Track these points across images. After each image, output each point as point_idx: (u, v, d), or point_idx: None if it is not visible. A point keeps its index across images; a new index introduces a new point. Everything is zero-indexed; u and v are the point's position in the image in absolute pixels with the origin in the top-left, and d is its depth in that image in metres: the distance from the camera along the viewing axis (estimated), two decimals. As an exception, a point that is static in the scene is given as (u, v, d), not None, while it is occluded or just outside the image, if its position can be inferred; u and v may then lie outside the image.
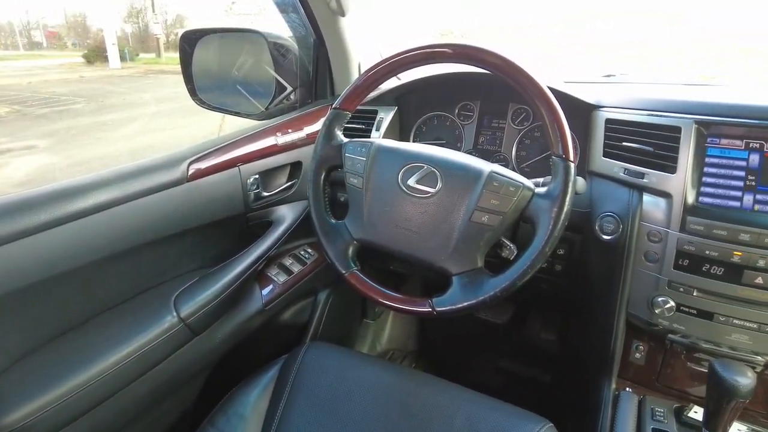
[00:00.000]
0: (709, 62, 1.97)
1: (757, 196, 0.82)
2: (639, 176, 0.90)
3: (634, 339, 1.00)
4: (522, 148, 1.16)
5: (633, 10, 3.17)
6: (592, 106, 1.01)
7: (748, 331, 0.84)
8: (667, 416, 0.92)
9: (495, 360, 1.68)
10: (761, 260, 0.79)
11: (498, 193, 0.77)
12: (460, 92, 1.23)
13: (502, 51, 0.79)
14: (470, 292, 0.79)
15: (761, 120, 0.82)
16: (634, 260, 0.91)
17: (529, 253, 0.75)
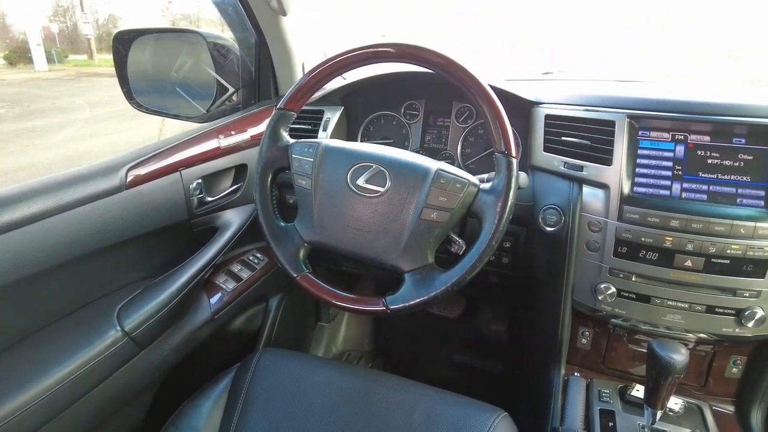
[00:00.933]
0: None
1: (684, 184, 0.88)
2: (578, 169, 0.94)
3: (580, 325, 1.05)
4: (467, 145, 1.18)
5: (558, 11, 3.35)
6: (532, 102, 1.04)
7: (680, 311, 0.90)
8: (612, 396, 0.97)
9: (449, 354, 1.71)
10: (689, 244, 0.85)
11: (445, 190, 0.79)
12: (405, 91, 1.24)
13: (444, 50, 0.81)
14: (422, 289, 0.80)
15: (684, 114, 0.88)
16: (577, 250, 0.95)
17: (476, 247, 0.77)
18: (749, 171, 0.86)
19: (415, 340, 1.80)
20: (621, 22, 2.54)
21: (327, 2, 2.53)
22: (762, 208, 0.84)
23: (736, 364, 0.98)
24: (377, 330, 1.83)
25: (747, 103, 0.86)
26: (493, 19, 2.67)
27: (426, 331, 1.75)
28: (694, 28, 2.45)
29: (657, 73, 1.79)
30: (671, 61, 2.26)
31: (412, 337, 1.80)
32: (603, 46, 2.33)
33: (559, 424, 0.92)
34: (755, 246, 0.82)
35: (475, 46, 2.63)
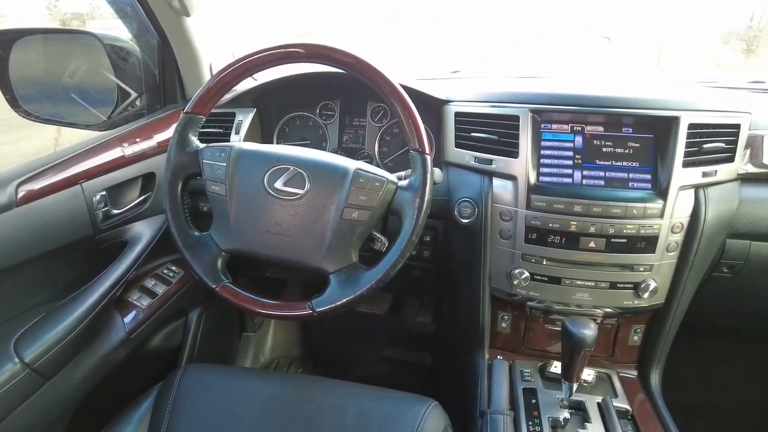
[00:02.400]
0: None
1: (584, 172, 0.96)
2: (488, 163, 0.99)
3: (500, 310, 1.10)
4: (384, 144, 1.20)
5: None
6: (443, 101, 1.08)
7: (588, 289, 0.97)
8: (533, 375, 1.03)
9: (379, 350, 1.73)
10: (592, 227, 0.92)
11: (365, 189, 0.79)
12: (320, 92, 1.23)
13: (355, 50, 0.81)
14: (348, 288, 0.80)
15: (580, 106, 0.96)
16: (491, 239, 1.00)
17: (398, 243, 0.78)
18: (638, 157, 0.95)
19: (345, 340, 1.80)
20: (557, 23, 2.69)
21: (250, 3, 2.46)
22: (650, 191, 0.93)
23: (636, 333, 1.07)
24: (306, 334, 1.81)
25: (633, 96, 0.95)
26: (426, 19, 2.73)
27: (354, 329, 1.76)
28: (627, 28, 2.66)
29: (591, 73, 1.93)
30: (604, 61, 2.44)
31: (341, 338, 1.80)
32: (532, 46, 2.46)
33: (487, 407, 0.96)
34: (646, 225, 0.91)
35: (407, 45, 2.67)
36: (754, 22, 2.82)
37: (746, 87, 1.37)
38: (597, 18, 2.74)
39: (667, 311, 1.01)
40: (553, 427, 0.89)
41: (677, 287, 0.98)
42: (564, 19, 2.76)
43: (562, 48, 2.61)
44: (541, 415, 0.92)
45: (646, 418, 0.95)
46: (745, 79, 1.41)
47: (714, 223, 0.94)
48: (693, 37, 2.89)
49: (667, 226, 0.92)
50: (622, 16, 2.76)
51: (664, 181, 0.91)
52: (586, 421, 0.90)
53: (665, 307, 1.01)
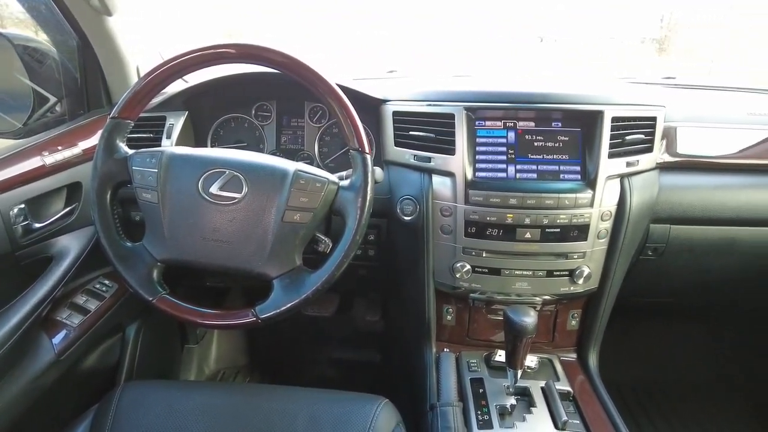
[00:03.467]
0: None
1: (517, 166, 0.99)
2: (426, 160, 1.00)
3: (444, 304, 1.13)
4: (323, 144, 1.19)
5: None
6: (380, 100, 1.09)
7: (526, 278, 1.01)
8: (479, 365, 1.06)
9: (329, 352, 1.71)
10: (527, 219, 0.96)
11: (306, 190, 0.79)
12: (255, 92, 1.20)
13: (289, 50, 0.80)
14: (293, 292, 0.79)
15: (511, 103, 0.99)
16: (433, 234, 1.02)
17: (342, 243, 0.78)
18: (567, 150, 1.00)
19: (292, 344, 1.77)
20: (494, 23, 2.76)
21: (180, 2, 2.35)
22: (579, 181, 0.98)
23: (574, 318, 1.13)
24: (252, 342, 1.77)
25: (560, 92, 1.00)
26: (363, 20, 2.72)
27: (302, 333, 1.74)
28: (558, 29, 2.77)
29: (532, 72, 2.00)
30: (545, 61, 2.52)
31: (288, 343, 1.77)
32: (469, 46, 2.52)
33: (437, 399, 0.98)
34: (577, 214, 0.96)
35: (344, 46, 2.66)
36: (664, 23, 3.05)
37: (660, 82, 1.47)
38: (533, 19, 2.86)
39: (600, 295, 1.07)
40: (500, 415, 0.92)
41: (609, 272, 1.04)
42: (502, 20, 2.86)
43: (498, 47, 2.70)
44: (489, 404, 0.94)
45: (587, 398, 1.00)
46: (659, 76, 1.52)
47: (638, 209, 1.01)
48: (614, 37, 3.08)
49: (596, 214, 0.97)
50: (554, 17, 2.89)
51: (592, 172, 0.97)
52: (532, 405, 0.94)
53: (599, 291, 1.06)
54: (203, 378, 1.62)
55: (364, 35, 2.67)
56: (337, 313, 1.58)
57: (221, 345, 1.70)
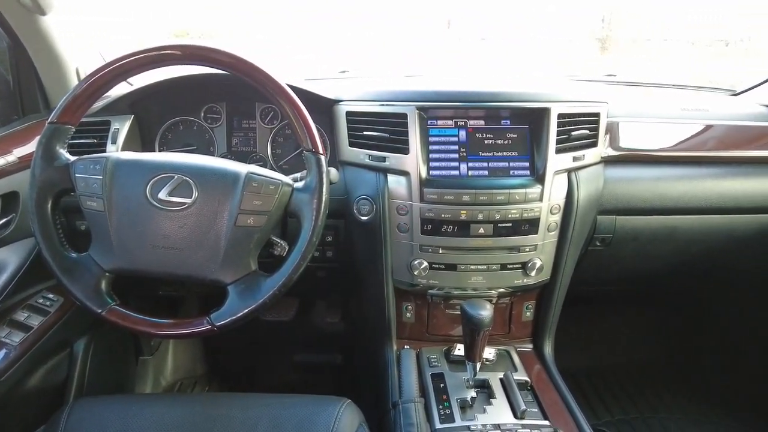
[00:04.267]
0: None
1: (469, 164, 1.01)
2: (381, 160, 1.01)
3: (403, 301, 1.14)
4: (277, 146, 1.18)
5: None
6: (333, 101, 1.08)
7: (481, 272, 1.04)
8: (440, 360, 1.08)
9: (289, 357, 1.69)
10: (480, 214, 0.98)
11: (259, 193, 0.78)
12: (203, 94, 1.17)
13: (237, 50, 0.79)
14: (249, 298, 0.78)
15: (461, 102, 1.01)
16: (390, 233, 1.03)
17: (298, 246, 0.77)
18: (516, 147, 1.02)
19: (252, 351, 1.74)
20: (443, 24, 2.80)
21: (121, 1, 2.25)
22: (529, 177, 1.01)
23: (528, 309, 1.16)
24: (209, 350, 1.73)
25: (508, 90, 1.03)
26: (313, 20, 2.70)
27: (262, 339, 1.71)
28: (505, 30, 2.83)
29: (481, 71, 2.04)
30: (494, 61, 2.58)
31: (247, 350, 1.74)
32: (419, 47, 2.55)
33: (399, 397, 0.98)
34: (528, 208, 0.99)
35: (295, 47, 2.63)
36: (605, 24, 3.21)
37: (602, 80, 1.54)
38: (482, 19, 2.92)
39: (553, 286, 1.11)
40: (461, 408, 0.94)
41: (560, 263, 1.08)
42: (451, 21, 2.91)
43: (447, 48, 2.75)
44: (450, 398, 0.96)
45: (543, 386, 1.03)
46: (601, 73, 1.59)
47: (586, 202, 1.05)
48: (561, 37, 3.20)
49: (546, 208, 1.00)
50: (499, 18, 2.97)
51: (541, 168, 1.00)
52: (491, 397, 0.96)
53: (551, 282, 1.10)
54: (160, 390, 1.56)
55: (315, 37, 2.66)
56: (296, 316, 1.56)
57: (177, 355, 1.65)
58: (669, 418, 1.53)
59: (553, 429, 0.87)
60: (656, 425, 1.50)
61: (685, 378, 1.72)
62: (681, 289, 1.66)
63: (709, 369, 1.73)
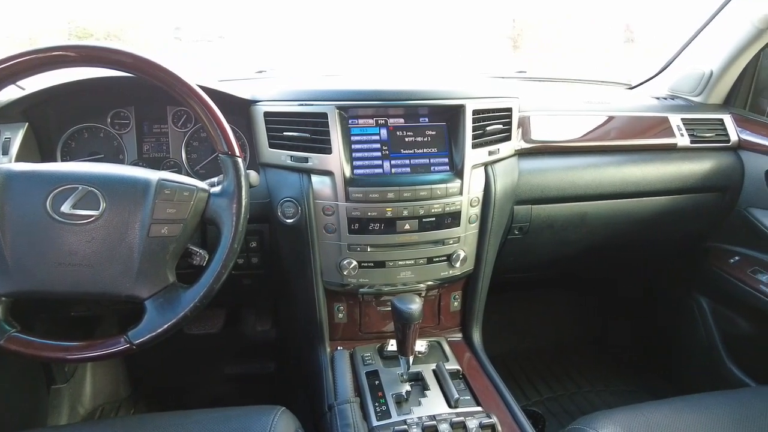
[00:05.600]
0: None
1: (391, 162, 1.03)
2: (304, 161, 1.00)
3: (335, 302, 1.13)
4: (192, 150, 1.12)
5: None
6: (249, 101, 1.05)
7: (409, 267, 1.06)
8: (373, 357, 1.08)
9: (220, 369, 1.63)
10: (405, 211, 1.00)
11: (172, 200, 0.74)
12: (109, 99, 1.10)
13: (141, 51, 0.74)
14: (169, 312, 0.74)
15: (381, 101, 1.02)
16: (317, 234, 1.02)
17: (219, 254, 0.75)
18: (435, 144, 1.05)
19: (180, 366, 1.66)
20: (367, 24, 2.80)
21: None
22: (448, 172, 1.04)
23: (456, 299, 1.20)
24: (132, 371, 1.62)
25: (425, 89, 1.05)
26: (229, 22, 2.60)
27: (189, 354, 1.63)
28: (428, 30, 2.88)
29: (400, 70, 2.06)
30: (414, 60, 2.61)
31: (175, 365, 1.65)
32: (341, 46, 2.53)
33: (334, 399, 0.98)
34: (449, 202, 1.02)
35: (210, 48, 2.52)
36: (516, 23, 3.38)
37: (514, 76, 1.62)
38: (406, 20, 2.97)
39: (477, 275, 1.15)
40: (397, 403, 0.95)
41: (482, 253, 1.12)
42: (374, 20, 2.93)
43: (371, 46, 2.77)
44: (386, 394, 0.97)
45: (474, 373, 1.07)
46: (512, 69, 1.67)
47: (503, 193, 1.10)
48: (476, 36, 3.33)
49: (466, 201, 1.04)
50: (423, 19, 3.04)
51: (459, 163, 1.03)
52: (426, 389, 0.98)
53: (475, 272, 1.14)
54: (78, 419, 1.45)
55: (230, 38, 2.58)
56: (225, 327, 1.51)
57: (97, 379, 1.53)
58: (591, 391, 1.65)
59: (485, 414, 0.90)
60: (581, 399, 1.61)
61: (602, 353, 1.85)
62: (593, 271, 1.78)
63: (621, 342, 1.88)
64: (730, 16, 1.35)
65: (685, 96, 1.47)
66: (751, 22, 1.27)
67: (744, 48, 1.32)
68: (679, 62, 1.51)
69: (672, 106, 1.41)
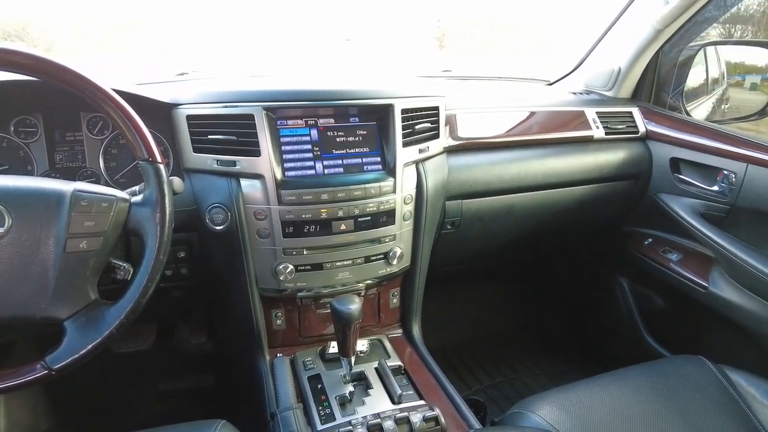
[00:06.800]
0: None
1: (324, 162, 1.02)
2: (231, 164, 0.96)
3: (272, 309, 1.11)
4: (110, 158, 1.05)
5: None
6: (170, 105, 1.00)
7: (347, 268, 1.05)
8: (315, 361, 1.07)
9: (155, 387, 1.55)
10: (340, 211, 0.99)
11: (90, 212, 0.69)
12: (11, 105, 1.00)
13: (42, 52, 0.69)
14: (92, 332, 0.69)
15: (310, 101, 1.01)
16: (250, 240, 0.99)
17: (144, 267, 0.71)
18: (367, 143, 1.05)
19: (110, 389, 1.56)
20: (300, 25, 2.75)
21: None
22: (381, 171, 1.05)
23: (394, 296, 1.21)
24: (54, 398, 1.50)
25: (354, 88, 1.05)
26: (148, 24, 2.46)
27: (119, 374, 1.54)
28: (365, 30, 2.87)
29: (330, 70, 2.04)
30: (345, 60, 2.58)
31: (104, 388, 1.55)
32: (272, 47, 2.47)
33: (276, 407, 0.96)
34: (383, 201, 1.03)
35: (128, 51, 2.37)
36: (441, 23, 3.47)
37: (440, 75, 1.66)
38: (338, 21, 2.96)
39: (414, 271, 1.17)
40: (341, 404, 0.94)
41: (417, 249, 1.14)
42: (307, 22, 2.90)
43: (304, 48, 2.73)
44: (329, 397, 0.96)
45: (416, 368, 1.09)
46: (438, 69, 1.71)
47: (434, 190, 1.12)
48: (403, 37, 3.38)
49: (400, 199, 1.05)
50: (359, 19, 3.04)
51: (391, 161, 1.04)
52: (369, 387, 0.98)
53: (412, 268, 1.16)
54: None
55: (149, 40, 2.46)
56: (156, 342, 1.43)
57: (12, 412, 1.40)
58: (528, 375, 1.73)
59: (428, 407, 0.91)
60: (518, 384, 1.68)
61: (536, 337, 1.94)
62: (522, 260, 1.86)
63: (553, 326, 1.98)
64: (633, 16, 1.46)
65: (599, 91, 1.57)
66: (650, 23, 1.38)
67: (645, 46, 1.43)
68: (592, 59, 1.61)
69: (587, 100, 1.50)
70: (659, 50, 1.45)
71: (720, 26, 1.48)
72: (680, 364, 1.01)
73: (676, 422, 0.87)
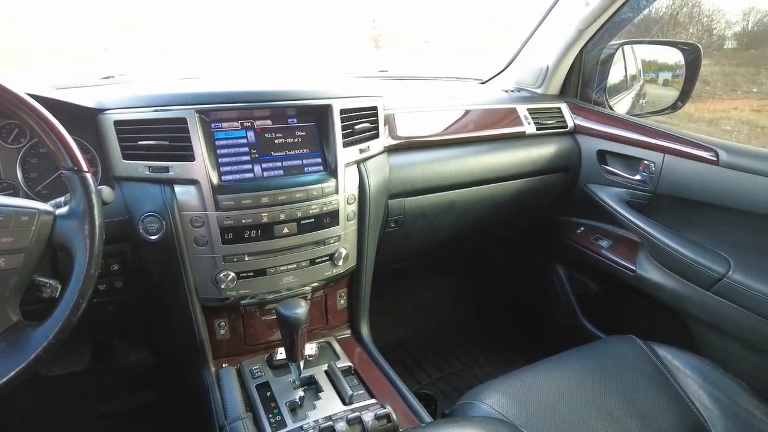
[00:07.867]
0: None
1: (262, 165, 0.99)
2: (164, 171, 0.92)
3: (215, 318, 1.07)
4: (30, 168, 0.98)
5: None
6: (96, 110, 0.95)
7: (292, 272, 1.04)
8: (263, 369, 1.05)
9: (93, 409, 1.46)
10: (282, 214, 0.98)
11: (8, 228, 0.64)
12: None
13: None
14: (15, 356, 0.64)
15: (245, 103, 0.98)
16: (187, 249, 0.95)
17: (74, 283, 0.67)
18: (306, 144, 1.04)
19: (40, 415, 1.45)
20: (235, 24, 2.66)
21: None
22: (323, 172, 1.04)
23: (342, 297, 1.21)
24: None
25: (290, 89, 1.03)
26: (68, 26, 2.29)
27: (52, 399, 1.43)
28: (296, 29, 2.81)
29: (263, 69, 1.97)
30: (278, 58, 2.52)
31: (35, 415, 1.44)
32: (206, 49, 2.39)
33: (224, 419, 0.93)
34: (326, 202, 1.02)
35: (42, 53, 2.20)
36: (377, 24, 3.49)
37: (377, 75, 1.67)
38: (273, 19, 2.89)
39: (360, 271, 1.17)
40: (291, 410, 0.93)
41: (363, 249, 1.14)
42: (243, 20, 2.82)
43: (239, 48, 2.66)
44: (279, 404, 0.94)
45: (366, 367, 1.09)
46: (375, 69, 1.72)
47: (376, 189, 1.13)
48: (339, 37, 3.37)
49: (342, 199, 1.05)
50: (293, 17, 2.99)
51: (332, 162, 1.03)
52: (319, 391, 0.97)
53: (357, 268, 1.16)
54: None
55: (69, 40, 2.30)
56: (92, 362, 1.35)
57: None
58: (475, 365, 1.78)
59: (380, 405, 0.92)
60: (466, 374, 1.73)
61: (480, 328, 2.00)
62: (466, 253, 1.92)
63: (496, 316, 2.05)
64: (558, 17, 1.53)
65: (529, 88, 1.63)
66: (573, 24, 1.45)
67: (570, 45, 1.51)
68: (522, 58, 1.68)
69: (518, 97, 1.56)
70: (583, 49, 1.53)
71: (635, 27, 1.58)
72: (613, 344, 1.08)
73: (613, 398, 0.92)
